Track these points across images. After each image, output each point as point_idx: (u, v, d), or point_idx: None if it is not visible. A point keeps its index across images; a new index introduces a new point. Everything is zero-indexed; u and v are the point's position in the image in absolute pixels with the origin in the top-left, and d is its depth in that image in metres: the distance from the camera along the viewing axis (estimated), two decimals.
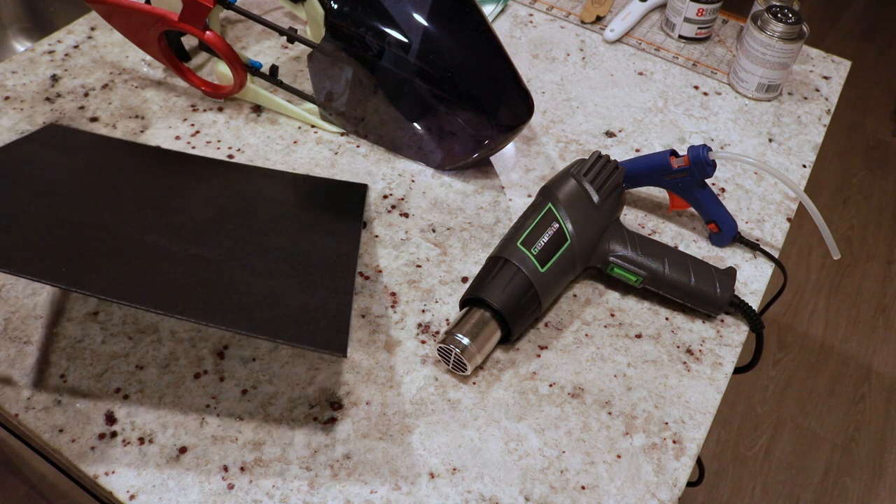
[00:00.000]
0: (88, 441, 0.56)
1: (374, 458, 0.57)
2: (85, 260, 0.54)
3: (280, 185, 0.73)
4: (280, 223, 0.67)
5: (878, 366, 1.73)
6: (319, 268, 0.62)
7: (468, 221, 0.75)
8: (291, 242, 0.65)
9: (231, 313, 0.53)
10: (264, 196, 0.71)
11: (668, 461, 0.59)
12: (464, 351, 0.60)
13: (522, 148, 0.82)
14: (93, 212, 0.61)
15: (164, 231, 0.61)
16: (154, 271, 0.55)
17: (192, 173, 0.72)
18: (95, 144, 0.73)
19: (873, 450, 1.58)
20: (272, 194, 0.72)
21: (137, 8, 0.75)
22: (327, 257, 0.64)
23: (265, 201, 0.70)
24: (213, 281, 0.56)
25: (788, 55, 0.86)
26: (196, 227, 0.63)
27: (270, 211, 0.69)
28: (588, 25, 0.99)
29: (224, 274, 0.58)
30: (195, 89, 0.84)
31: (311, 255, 0.63)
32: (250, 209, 0.69)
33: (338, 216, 0.70)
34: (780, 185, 0.81)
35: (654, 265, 0.67)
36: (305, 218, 0.69)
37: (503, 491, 0.56)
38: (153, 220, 0.62)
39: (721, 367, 0.65)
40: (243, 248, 0.62)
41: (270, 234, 0.65)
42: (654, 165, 0.71)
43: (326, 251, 0.65)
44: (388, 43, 0.72)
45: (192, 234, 0.62)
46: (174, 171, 0.72)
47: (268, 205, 0.70)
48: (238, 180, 0.73)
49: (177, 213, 0.64)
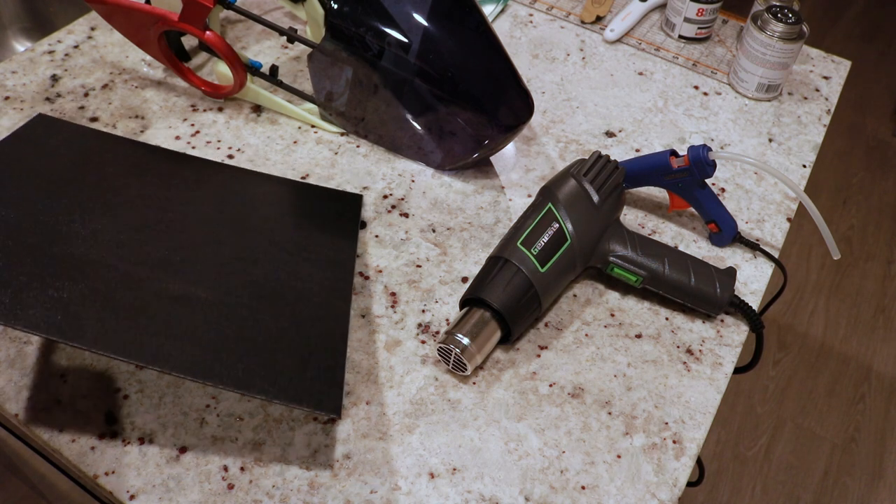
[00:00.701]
0: (88, 441, 0.56)
1: (374, 458, 0.57)
2: (64, 300, 0.52)
3: (275, 198, 0.72)
4: (272, 250, 0.65)
5: (878, 366, 1.73)
6: (312, 310, 0.60)
7: (468, 221, 0.75)
8: (285, 275, 0.63)
9: (219, 367, 0.52)
10: (258, 212, 0.70)
11: (668, 461, 0.59)
12: (464, 351, 0.60)
13: (522, 148, 0.82)
14: (64, 238, 0.58)
15: (148, 261, 0.59)
16: (136, 315, 0.54)
17: (183, 181, 0.71)
18: (84, 141, 0.72)
19: (873, 450, 1.58)
20: (266, 209, 0.70)
21: (137, 8, 0.75)
22: (322, 294, 0.62)
23: (259, 219, 0.68)
24: (201, 328, 0.55)
25: (788, 55, 0.86)
26: (180, 255, 0.61)
27: (263, 233, 0.67)
28: (588, 25, 0.99)
29: (211, 320, 0.56)
30: (195, 89, 0.84)
31: (305, 294, 0.62)
32: (243, 228, 0.67)
33: (332, 239, 0.69)
34: (780, 185, 0.81)
35: (654, 265, 0.67)
36: (299, 240, 0.67)
37: (503, 491, 0.56)
38: (133, 246, 0.60)
39: (721, 367, 0.65)
40: (232, 282, 0.60)
41: (262, 261, 0.63)
42: (654, 165, 0.71)
43: (321, 286, 0.63)
44: (388, 43, 0.72)
45: (176, 263, 0.60)
46: (164, 178, 0.70)
47: (261, 225, 0.68)
48: (230, 189, 0.71)
49: (161, 235, 0.63)
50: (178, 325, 0.54)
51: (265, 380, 0.53)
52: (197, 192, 0.69)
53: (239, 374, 0.52)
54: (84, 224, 0.60)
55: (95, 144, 0.72)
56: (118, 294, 0.55)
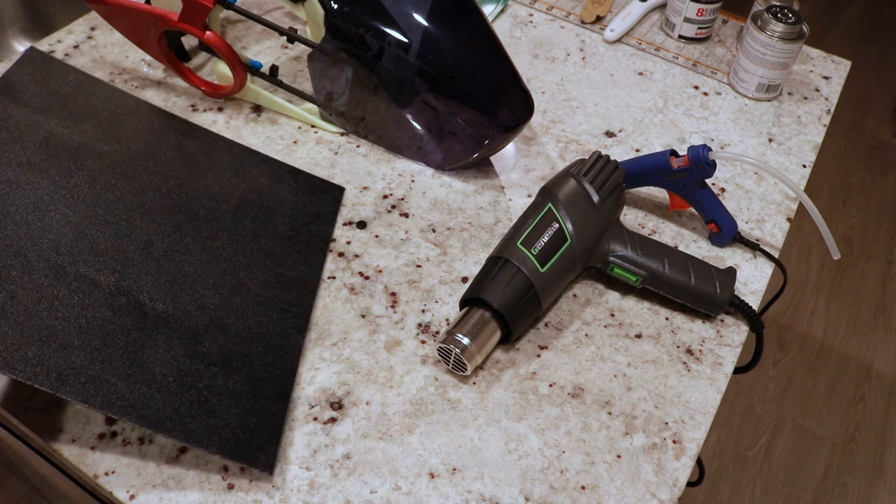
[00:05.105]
0: (88, 441, 0.56)
1: (374, 458, 0.57)
2: None
3: (252, 185, 0.71)
4: (237, 271, 0.64)
5: (878, 366, 1.73)
6: (262, 354, 0.59)
7: (468, 221, 0.75)
8: (239, 308, 0.61)
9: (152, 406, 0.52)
10: (235, 196, 0.68)
11: (668, 461, 0.59)
12: (464, 351, 0.60)
13: (522, 148, 0.82)
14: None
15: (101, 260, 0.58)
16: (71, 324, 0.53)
17: (166, 146, 0.69)
18: (74, 87, 0.71)
19: (873, 450, 1.58)
20: (239, 206, 0.68)
21: (137, 8, 0.75)
22: (279, 324, 0.61)
23: (229, 220, 0.66)
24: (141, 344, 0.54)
25: (788, 55, 0.86)
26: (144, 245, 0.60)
27: (232, 232, 0.65)
28: (588, 25, 0.99)
29: (147, 344, 0.55)
30: (195, 89, 0.84)
31: (257, 335, 0.60)
32: (210, 215, 0.65)
33: (302, 252, 0.67)
34: (780, 185, 0.81)
35: (654, 265, 0.67)
36: (267, 252, 0.66)
37: (503, 491, 0.56)
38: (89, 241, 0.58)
39: (721, 367, 0.65)
40: (188, 302, 0.59)
41: (220, 287, 0.61)
42: (654, 165, 0.71)
43: (280, 314, 0.62)
44: (388, 43, 0.72)
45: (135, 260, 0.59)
46: (148, 145, 0.68)
47: (229, 227, 0.66)
48: (208, 167, 0.70)
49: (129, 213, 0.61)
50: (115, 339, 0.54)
51: (206, 433, 0.53)
52: (178, 164, 0.68)
53: (182, 422, 0.53)
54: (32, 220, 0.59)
55: (81, 96, 0.71)
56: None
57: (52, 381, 0.50)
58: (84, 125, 0.67)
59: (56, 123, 0.66)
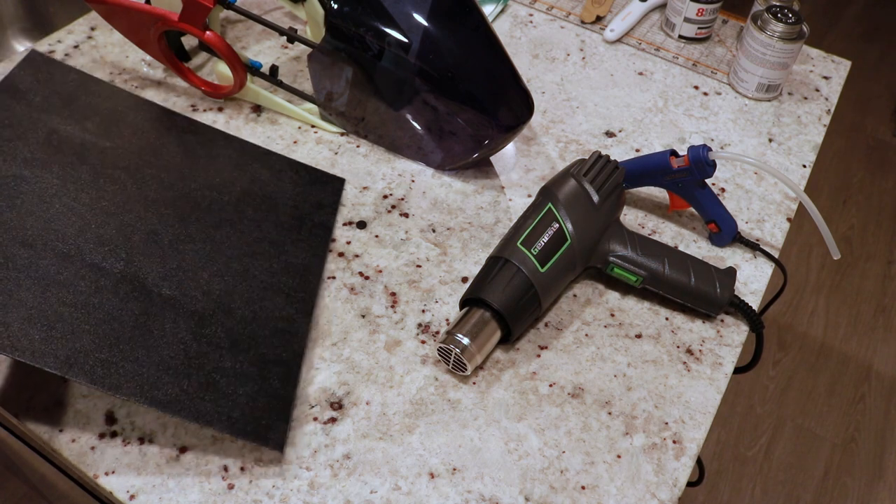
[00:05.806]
0: (88, 441, 0.56)
1: (374, 458, 0.57)
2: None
3: (253, 177, 0.71)
4: (242, 257, 0.64)
5: (878, 366, 1.73)
6: (269, 337, 0.60)
7: (468, 221, 0.75)
8: (246, 294, 0.62)
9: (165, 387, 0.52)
10: (231, 196, 0.68)
11: (668, 461, 0.59)
12: (464, 351, 0.60)
13: (522, 148, 0.82)
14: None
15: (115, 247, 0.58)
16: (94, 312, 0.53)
17: (167, 142, 0.69)
18: (75, 87, 0.71)
19: (873, 450, 1.58)
20: (242, 198, 0.69)
21: (137, 8, 0.75)
22: (286, 308, 0.62)
23: (232, 211, 0.67)
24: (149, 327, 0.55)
25: (788, 55, 0.86)
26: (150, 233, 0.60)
27: (234, 232, 0.66)
28: (588, 25, 0.99)
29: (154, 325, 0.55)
30: (195, 89, 0.84)
31: (264, 316, 0.61)
32: (214, 206, 0.66)
33: (306, 239, 0.68)
34: (780, 185, 0.81)
35: (654, 265, 0.67)
36: (272, 240, 0.66)
37: (503, 491, 0.56)
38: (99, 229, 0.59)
39: (721, 367, 0.65)
40: (193, 289, 0.59)
41: (226, 273, 0.62)
42: (654, 165, 0.71)
43: (286, 298, 0.63)
44: (388, 43, 0.72)
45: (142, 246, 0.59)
46: (150, 141, 0.69)
47: (232, 218, 0.66)
48: (209, 160, 0.70)
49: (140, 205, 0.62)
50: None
51: (216, 413, 0.53)
52: (179, 159, 0.69)
53: (192, 404, 0.53)
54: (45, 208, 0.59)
55: (83, 95, 0.72)
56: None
57: (60, 364, 0.50)
58: (86, 122, 0.68)
59: (58, 121, 0.66)
